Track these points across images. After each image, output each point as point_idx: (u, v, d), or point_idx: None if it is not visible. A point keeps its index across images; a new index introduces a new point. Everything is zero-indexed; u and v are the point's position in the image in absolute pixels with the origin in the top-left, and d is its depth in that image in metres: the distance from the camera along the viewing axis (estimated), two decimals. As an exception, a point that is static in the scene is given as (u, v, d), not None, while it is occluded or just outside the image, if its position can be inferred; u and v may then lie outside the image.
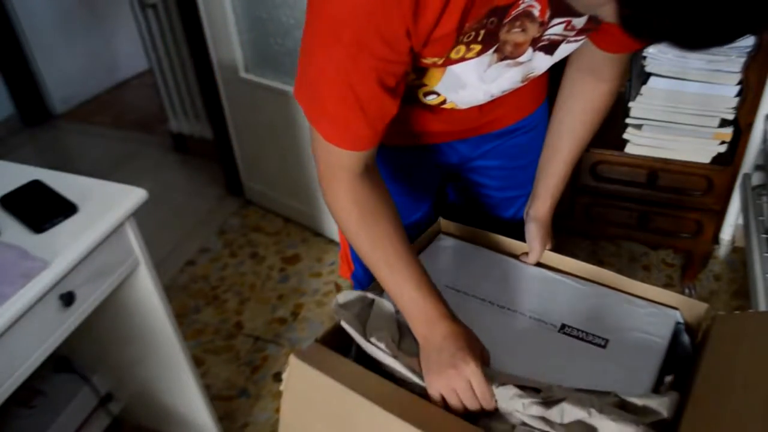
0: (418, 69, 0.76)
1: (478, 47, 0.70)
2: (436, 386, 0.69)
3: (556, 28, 0.72)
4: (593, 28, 0.75)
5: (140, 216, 1.13)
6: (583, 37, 0.77)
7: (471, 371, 0.68)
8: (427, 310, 0.73)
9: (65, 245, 1.00)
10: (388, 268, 0.74)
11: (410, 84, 0.81)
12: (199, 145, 2.75)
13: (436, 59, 0.70)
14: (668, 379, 0.68)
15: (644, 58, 1.63)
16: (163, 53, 2.56)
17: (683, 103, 1.63)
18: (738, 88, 1.58)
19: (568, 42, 0.76)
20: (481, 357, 0.71)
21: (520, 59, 0.74)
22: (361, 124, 0.69)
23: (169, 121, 2.80)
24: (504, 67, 0.75)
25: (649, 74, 1.64)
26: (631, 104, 1.68)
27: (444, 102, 0.83)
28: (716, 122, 1.64)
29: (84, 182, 1.15)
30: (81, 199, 1.09)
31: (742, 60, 1.55)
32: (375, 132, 0.71)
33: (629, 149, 1.74)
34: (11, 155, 2.83)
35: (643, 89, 1.65)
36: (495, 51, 0.72)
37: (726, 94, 1.60)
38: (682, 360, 0.75)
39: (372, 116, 0.69)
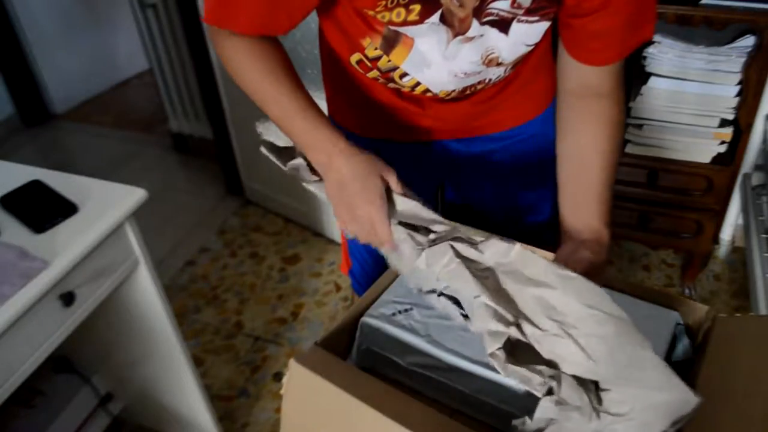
0: (385, 45, 0.79)
1: (417, 7, 0.72)
2: (342, 218, 0.76)
3: (502, 3, 0.73)
4: (545, 7, 0.75)
5: (140, 216, 1.13)
6: (537, 18, 0.76)
7: (374, 211, 0.73)
8: (318, 137, 0.77)
9: (65, 245, 1.00)
10: (276, 104, 0.78)
11: (386, 68, 0.82)
12: (199, 145, 2.75)
13: (372, 12, 0.74)
14: None
15: (644, 58, 1.63)
16: (163, 53, 2.56)
17: (683, 103, 1.63)
18: (738, 88, 1.58)
19: (520, 21, 0.76)
20: (384, 181, 0.74)
21: (469, 34, 0.75)
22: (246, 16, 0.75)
23: (169, 121, 2.80)
24: (459, 44, 0.76)
25: (649, 74, 1.64)
26: (631, 104, 1.68)
27: (418, 84, 0.84)
28: (716, 122, 1.64)
29: (84, 182, 1.15)
30: (81, 199, 1.09)
31: (742, 60, 1.55)
32: (254, 27, 0.76)
33: (629, 149, 1.74)
34: (11, 155, 2.83)
35: (643, 89, 1.65)
36: (444, 22, 0.73)
37: (726, 94, 1.60)
38: (682, 362, 0.75)
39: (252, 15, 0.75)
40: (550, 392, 0.63)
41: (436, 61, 0.79)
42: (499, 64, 0.82)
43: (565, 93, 0.86)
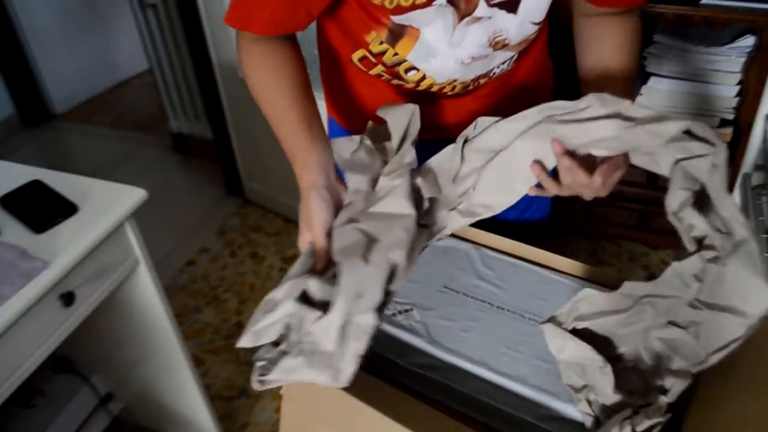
0: (391, 38, 0.79)
1: None
2: None
3: None
4: None
5: (140, 216, 1.13)
6: None
7: (300, 242, 0.75)
8: (296, 167, 0.81)
9: (65, 245, 1.00)
10: (277, 124, 0.82)
11: (391, 62, 0.83)
12: (199, 145, 2.75)
13: (378, 0, 0.74)
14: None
15: (644, 58, 1.63)
16: (163, 53, 2.56)
17: (683, 103, 1.63)
18: (738, 88, 1.58)
19: None
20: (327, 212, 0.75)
21: (477, 14, 0.75)
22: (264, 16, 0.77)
23: (169, 121, 2.80)
24: (465, 27, 0.76)
25: (649, 74, 1.64)
26: (631, 104, 1.68)
27: (424, 78, 0.84)
28: (716, 122, 1.64)
29: (84, 182, 1.15)
30: (81, 199, 1.09)
31: (742, 60, 1.55)
32: (274, 26, 0.78)
33: (629, 149, 1.74)
34: (11, 155, 2.83)
35: (643, 89, 1.65)
36: (451, 2, 0.73)
37: (726, 94, 1.60)
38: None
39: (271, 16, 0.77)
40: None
41: (442, 50, 0.79)
42: (504, 46, 0.81)
43: (581, 16, 0.86)
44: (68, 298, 1.01)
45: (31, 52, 3.04)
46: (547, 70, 1.01)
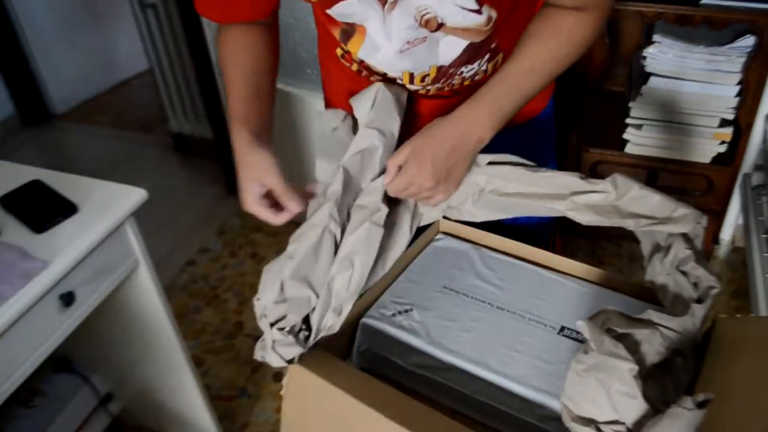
0: (344, 36, 0.81)
1: None
2: None
3: None
4: None
5: (140, 216, 1.13)
6: None
7: (248, 205, 0.87)
8: (236, 141, 0.87)
9: (65, 245, 1.00)
10: (227, 90, 0.87)
11: (357, 60, 0.86)
12: (199, 145, 2.75)
13: None
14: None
15: (644, 58, 1.63)
16: (163, 53, 2.56)
17: (683, 103, 1.64)
18: (738, 88, 1.58)
19: None
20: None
21: None
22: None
23: (169, 121, 2.80)
24: (390, 14, 0.76)
25: (649, 74, 1.64)
26: (631, 104, 1.68)
27: (386, 74, 0.86)
28: (716, 122, 1.64)
29: (84, 182, 1.15)
30: (81, 199, 1.09)
31: (742, 60, 1.55)
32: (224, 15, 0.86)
33: (629, 149, 1.74)
34: (11, 155, 2.83)
35: (643, 89, 1.65)
36: None
37: (726, 94, 1.60)
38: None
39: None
40: None
41: (382, 43, 0.80)
42: (441, 26, 0.78)
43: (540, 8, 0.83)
44: (68, 298, 1.01)
45: (31, 52, 3.04)
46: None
